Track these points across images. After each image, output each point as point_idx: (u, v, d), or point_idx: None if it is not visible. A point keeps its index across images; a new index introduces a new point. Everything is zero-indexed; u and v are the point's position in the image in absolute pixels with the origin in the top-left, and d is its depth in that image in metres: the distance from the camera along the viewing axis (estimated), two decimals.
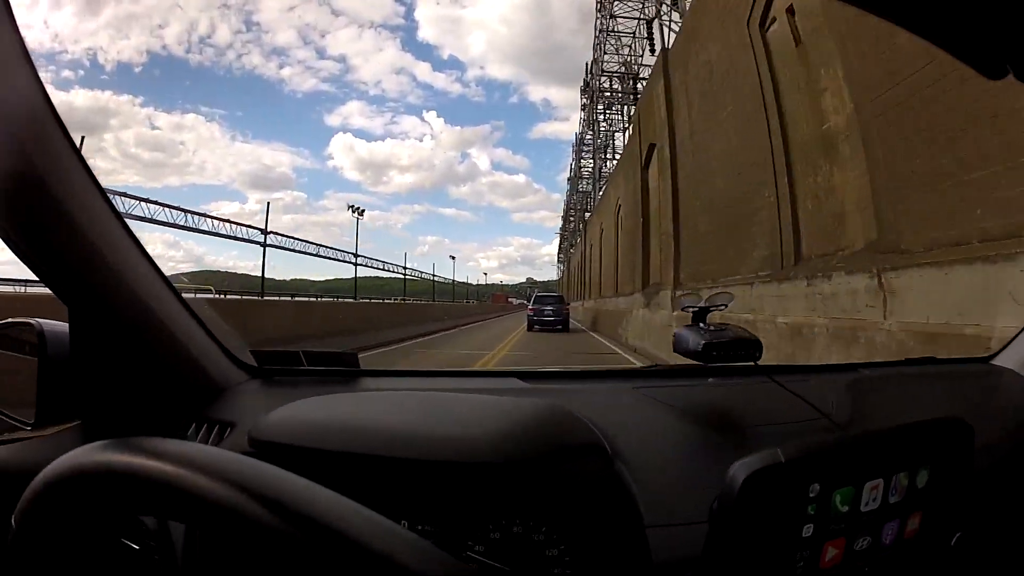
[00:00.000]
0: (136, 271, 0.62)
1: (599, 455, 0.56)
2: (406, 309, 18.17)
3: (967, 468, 0.50)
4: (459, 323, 18.66)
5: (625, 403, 0.72)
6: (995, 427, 0.69)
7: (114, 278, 0.59)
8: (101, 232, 0.58)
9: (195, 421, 0.67)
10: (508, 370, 0.90)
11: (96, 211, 0.58)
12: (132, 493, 0.33)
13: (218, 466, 0.32)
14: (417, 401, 0.63)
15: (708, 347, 0.66)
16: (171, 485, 0.32)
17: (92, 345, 0.63)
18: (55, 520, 0.35)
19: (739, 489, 0.41)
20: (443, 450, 0.51)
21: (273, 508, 0.30)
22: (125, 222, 0.61)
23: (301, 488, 0.32)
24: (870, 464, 0.45)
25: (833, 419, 0.67)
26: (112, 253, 0.59)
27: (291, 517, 0.29)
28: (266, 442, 0.54)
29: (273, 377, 0.79)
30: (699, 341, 0.67)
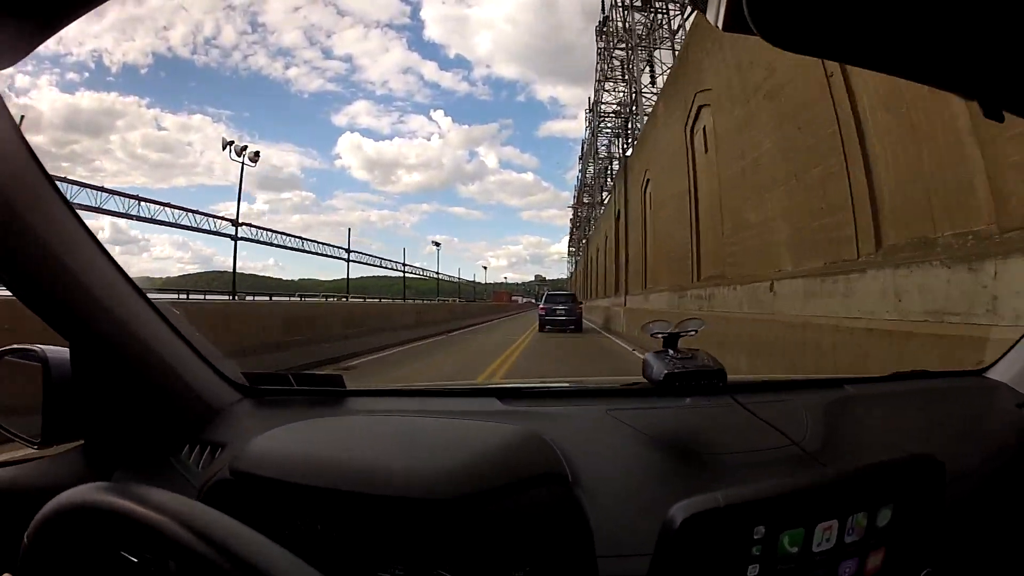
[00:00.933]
0: (126, 303, 0.66)
1: (559, 483, 0.58)
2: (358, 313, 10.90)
3: (936, 506, 0.50)
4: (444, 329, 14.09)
5: (596, 427, 0.72)
6: (981, 447, 0.69)
7: (106, 313, 0.63)
8: (88, 268, 0.61)
9: (189, 442, 0.71)
10: (488, 387, 0.98)
11: (81, 248, 0.60)
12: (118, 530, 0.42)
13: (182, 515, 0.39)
14: (391, 429, 0.66)
15: (670, 377, 0.67)
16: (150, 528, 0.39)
17: (91, 372, 0.66)
18: (59, 542, 0.43)
19: (676, 530, 0.42)
20: (406, 485, 0.53)
21: (220, 551, 0.37)
22: (109, 253, 0.64)
23: (243, 536, 0.38)
24: (823, 507, 0.45)
25: (804, 447, 0.66)
26: (102, 289, 0.62)
27: (235, 561, 0.36)
28: (244, 473, 0.57)
29: (264, 397, 0.82)
30: (662, 370, 0.68)
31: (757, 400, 0.75)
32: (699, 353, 0.72)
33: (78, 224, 0.60)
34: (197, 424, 0.73)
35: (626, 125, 30.18)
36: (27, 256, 0.56)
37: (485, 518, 0.54)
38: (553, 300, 15.41)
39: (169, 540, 0.39)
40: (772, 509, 0.44)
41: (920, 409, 0.87)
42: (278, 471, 0.56)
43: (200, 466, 0.68)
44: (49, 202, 0.57)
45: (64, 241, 0.58)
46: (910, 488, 0.49)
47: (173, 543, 0.38)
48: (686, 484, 0.59)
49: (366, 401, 0.86)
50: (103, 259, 0.63)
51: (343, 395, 0.86)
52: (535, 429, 0.66)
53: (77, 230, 0.60)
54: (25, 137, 0.54)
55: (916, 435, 0.76)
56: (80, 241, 0.60)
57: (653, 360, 0.71)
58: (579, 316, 15.03)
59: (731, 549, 0.43)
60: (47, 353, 0.67)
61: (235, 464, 0.58)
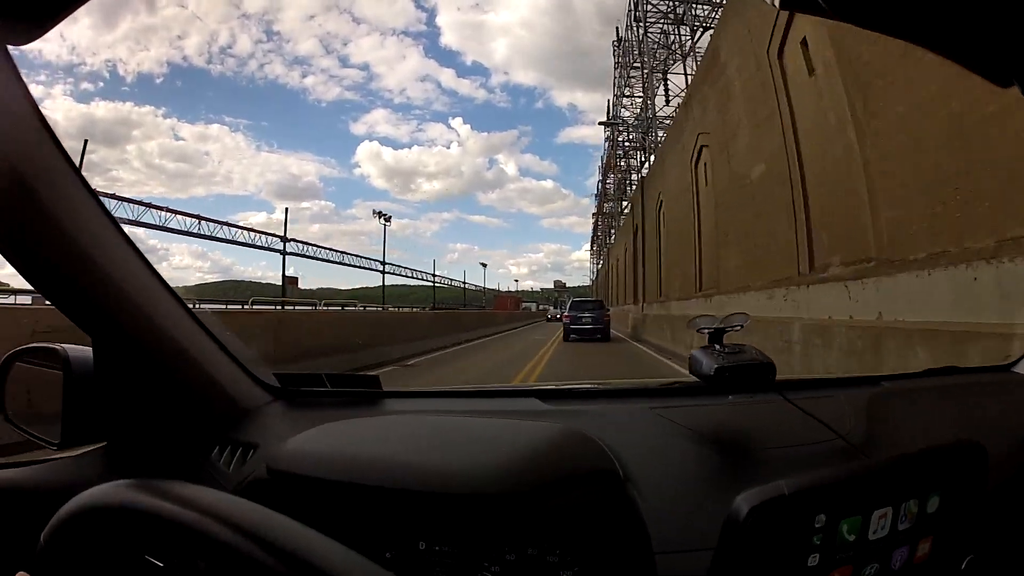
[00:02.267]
0: (155, 300, 0.64)
1: (611, 480, 0.57)
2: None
3: (980, 492, 0.51)
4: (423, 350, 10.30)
5: (641, 425, 0.72)
6: (1013, 440, 0.69)
7: (134, 309, 0.61)
8: (117, 264, 0.59)
9: (219, 443, 0.69)
10: (528, 388, 0.95)
11: (109, 243, 0.59)
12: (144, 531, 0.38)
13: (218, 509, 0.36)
14: (432, 428, 0.65)
15: (720, 371, 0.66)
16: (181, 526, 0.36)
17: (116, 371, 0.64)
18: (78, 543, 0.40)
19: (742, 521, 0.42)
20: (454, 483, 0.52)
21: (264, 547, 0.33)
22: (139, 250, 0.62)
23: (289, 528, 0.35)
24: (878, 494, 0.46)
25: (849, 439, 0.66)
26: (130, 284, 0.61)
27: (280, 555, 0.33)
28: (283, 472, 0.56)
29: (296, 399, 0.81)
30: (712, 365, 0.66)
31: (801, 396, 0.73)
32: (747, 347, 0.70)
33: (105, 217, 0.59)
34: (227, 425, 0.72)
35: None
36: (51, 248, 0.55)
37: (533, 516, 0.53)
38: (579, 308, 14.85)
39: (204, 537, 0.35)
40: (832, 496, 0.45)
41: (954, 402, 0.87)
42: (317, 469, 0.55)
43: (231, 468, 0.67)
44: (74, 193, 0.55)
45: (90, 234, 0.57)
46: (956, 474, 0.50)
47: (208, 540, 0.35)
48: (739, 478, 0.57)
49: (403, 402, 0.85)
50: (131, 254, 0.61)
51: (379, 396, 0.84)
52: (581, 427, 0.66)
53: (104, 224, 0.59)
54: (48, 122, 0.52)
55: (954, 426, 0.77)
56: (107, 235, 0.59)
57: (701, 355, 0.69)
58: (607, 324, 14.51)
59: (794, 538, 0.43)
60: (68, 352, 0.65)
61: (272, 463, 0.57)
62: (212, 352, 0.72)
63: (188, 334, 0.69)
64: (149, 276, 0.65)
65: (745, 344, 0.72)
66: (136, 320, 0.63)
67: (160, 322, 0.65)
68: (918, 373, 1.01)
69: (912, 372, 1.01)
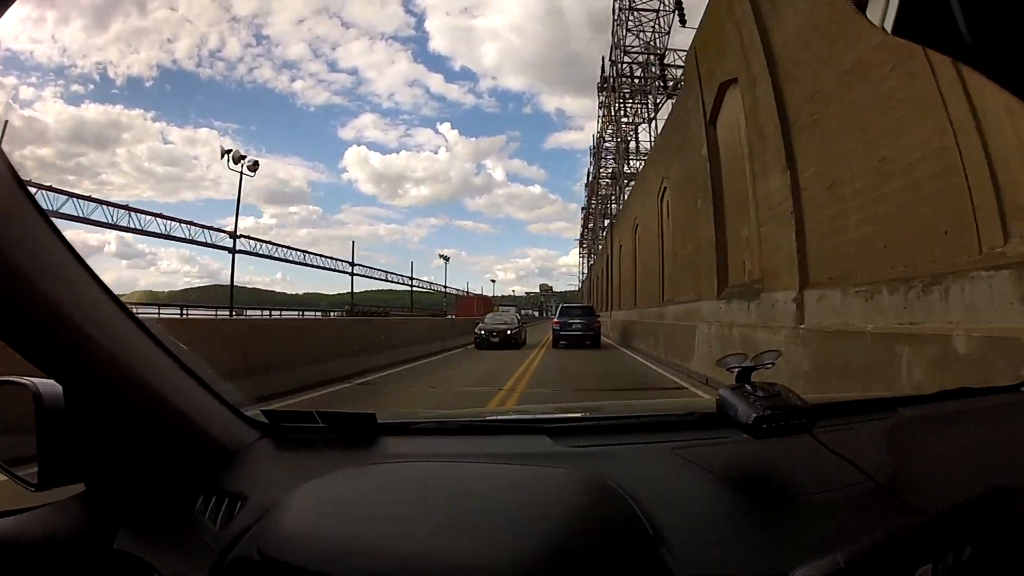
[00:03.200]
0: (122, 336, 0.60)
1: (643, 543, 0.53)
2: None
3: (1010, 537, 0.51)
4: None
5: (665, 469, 0.68)
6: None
7: (98, 349, 0.56)
8: (75, 294, 0.55)
9: (204, 491, 0.65)
10: (535, 420, 0.90)
11: (64, 273, 0.54)
12: None
13: None
14: (441, 490, 0.60)
15: (759, 420, 0.62)
16: None
17: (88, 412, 0.60)
18: None
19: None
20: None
21: None
22: (100, 279, 0.58)
23: None
24: (921, 552, 0.46)
25: (878, 480, 0.65)
26: (91, 319, 0.56)
27: None
28: (278, 561, 0.51)
29: (284, 437, 0.76)
30: (749, 413, 0.63)
31: (826, 428, 0.72)
32: (779, 388, 0.67)
33: (59, 243, 0.53)
34: (212, 469, 0.67)
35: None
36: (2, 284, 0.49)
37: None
38: (568, 313, 14.79)
39: None
40: (882, 560, 0.44)
41: (973, 429, 0.87)
42: (317, 561, 0.50)
43: (218, 523, 0.62)
44: (23, 216, 0.50)
45: (40, 263, 0.51)
46: (989, 523, 0.50)
47: None
48: (782, 537, 0.56)
49: (400, 441, 0.80)
50: (89, 283, 0.56)
51: (373, 433, 0.78)
52: (600, 476, 0.62)
53: (58, 249, 0.53)
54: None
55: (977, 459, 0.76)
56: (61, 263, 0.53)
57: (734, 399, 0.65)
58: (597, 330, 14.41)
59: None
60: (39, 387, 0.60)
61: (265, 546, 0.53)
62: (189, 389, 0.67)
63: (161, 370, 0.64)
64: (110, 306, 0.59)
65: (776, 384, 0.68)
66: (100, 360, 0.57)
67: (128, 359, 0.59)
68: (933, 396, 1.01)
69: (926, 395, 1.01)
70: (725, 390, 0.68)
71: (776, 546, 0.52)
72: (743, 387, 0.68)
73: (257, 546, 0.54)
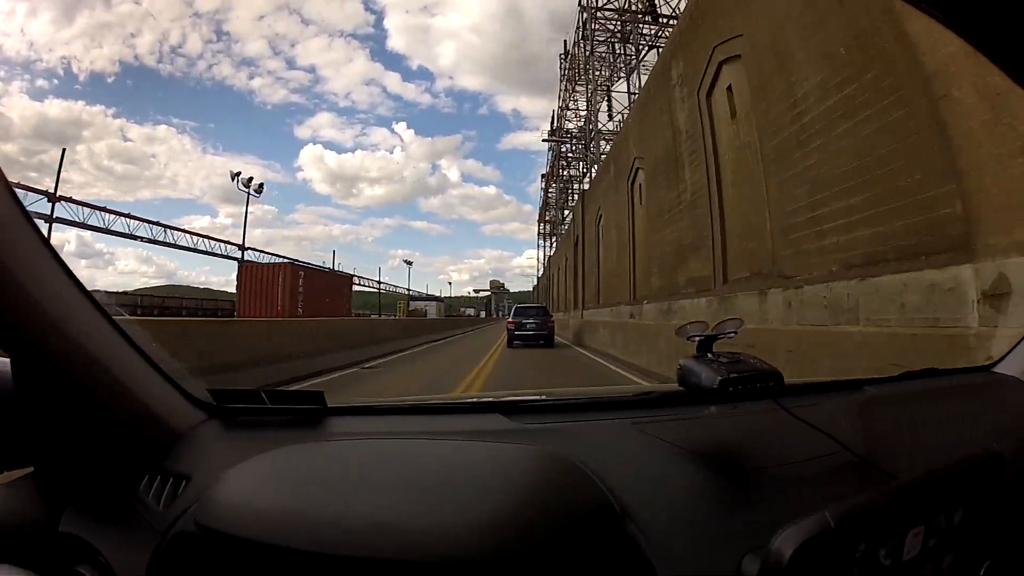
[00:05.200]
0: (75, 312, 0.57)
1: (609, 517, 0.51)
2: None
3: (999, 500, 0.51)
4: None
5: (625, 444, 0.65)
6: (1008, 440, 0.68)
7: (50, 322, 0.54)
8: (29, 269, 0.52)
9: (150, 471, 0.63)
10: (489, 400, 0.85)
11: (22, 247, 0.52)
12: None
13: None
14: (389, 462, 0.57)
15: (725, 383, 0.59)
16: None
17: (36, 389, 0.57)
18: None
19: (788, 562, 0.39)
20: (425, 546, 0.45)
21: None
22: (56, 253, 0.56)
23: None
24: (913, 513, 0.45)
25: (852, 449, 0.62)
26: (44, 294, 0.53)
27: None
28: (216, 531, 0.48)
29: (232, 418, 0.73)
30: (714, 376, 0.60)
31: (792, 403, 0.68)
32: (743, 355, 0.65)
33: (23, 217, 0.53)
34: (158, 450, 0.64)
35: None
36: None
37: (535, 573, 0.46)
38: (522, 314, 14.96)
39: None
40: (872, 522, 0.43)
41: (942, 406, 0.86)
42: (255, 528, 0.47)
43: (162, 502, 0.60)
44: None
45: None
46: (979, 485, 0.50)
47: None
48: (755, 505, 0.54)
49: (350, 421, 0.77)
50: (46, 258, 0.55)
51: (323, 414, 0.75)
52: (560, 451, 0.59)
53: (20, 224, 0.52)
54: None
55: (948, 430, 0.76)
56: (19, 238, 0.52)
57: (696, 366, 0.63)
58: (551, 330, 14.58)
59: (836, 573, 0.41)
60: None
61: (202, 517, 0.50)
62: (138, 368, 0.65)
63: (108, 345, 0.61)
64: (66, 283, 0.57)
65: (739, 352, 0.66)
66: (51, 333, 0.54)
67: (78, 335, 0.57)
68: (898, 376, 0.99)
69: (891, 376, 0.98)
70: (686, 359, 0.66)
71: (751, 517, 0.49)
72: (705, 355, 0.66)
73: (194, 519, 0.52)
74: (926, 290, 3.35)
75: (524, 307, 16.26)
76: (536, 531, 0.47)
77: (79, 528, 0.58)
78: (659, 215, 10.73)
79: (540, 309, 15.96)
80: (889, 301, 3.69)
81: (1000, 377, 0.92)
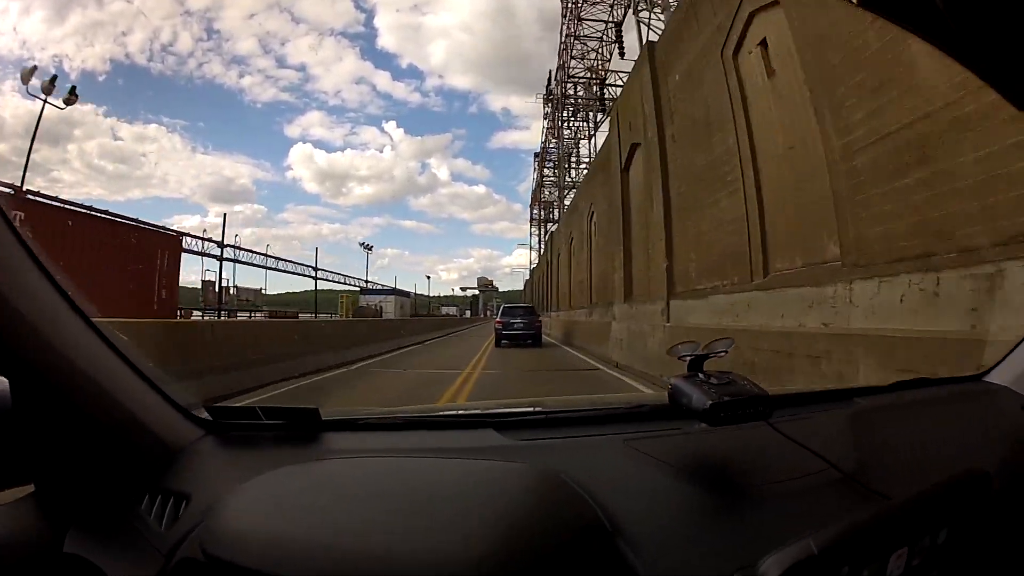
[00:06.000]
0: (68, 331, 0.57)
1: (599, 535, 0.51)
2: None
3: (985, 518, 0.52)
4: None
5: (617, 461, 0.66)
6: (997, 452, 0.68)
7: (42, 342, 0.54)
8: (29, 294, 0.52)
9: (150, 491, 0.63)
10: (481, 413, 0.86)
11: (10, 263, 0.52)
12: None
13: None
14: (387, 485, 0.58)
15: (716, 408, 0.59)
16: None
17: (36, 409, 0.57)
18: None
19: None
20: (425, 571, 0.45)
21: None
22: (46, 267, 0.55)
23: None
24: (897, 535, 0.46)
25: (841, 468, 0.62)
26: (37, 314, 0.53)
27: None
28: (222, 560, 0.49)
29: (229, 434, 0.74)
30: (704, 400, 0.60)
31: (783, 419, 0.69)
32: (734, 376, 0.64)
33: (10, 233, 0.51)
34: (156, 468, 0.65)
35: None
36: None
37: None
38: (510, 313, 15.07)
39: None
40: (855, 546, 0.44)
41: (933, 418, 0.85)
42: (260, 559, 0.48)
43: (163, 523, 0.60)
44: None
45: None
46: (964, 505, 0.51)
47: None
48: (745, 525, 0.54)
49: (345, 437, 0.77)
50: (38, 276, 0.54)
51: (318, 429, 0.75)
52: (550, 468, 0.59)
53: (9, 243, 0.51)
54: None
55: (943, 445, 0.75)
56: (9, 255, 0.52)
57: (687, 387, 0.63)
58: (538, 329, 14.76)
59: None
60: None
61: (208, 545, 0.51)
62: (134, 386, 0.65)
63: (106, 366, 0.61)
64: (58, 300, 0.57)
65: (730, 372, 0.66)
66: (46, 354, 0.55)
67: (73, 354, 0.57)
68: (888, 387, 0.98)
69: (882, 386, 0.98)
70: (677, 378, 0.66)
71: (740, 536, 0.49)
72: (696, 375, 0.66)
73: (200, 546, 0.53)
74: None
75: (512, 307, 16.25)
76: (528, 551, 0.48)
77: (84, 549, 0.59)
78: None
79: (528, 309, 16.08)
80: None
81: (991, 387, 0.92)
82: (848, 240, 4.13)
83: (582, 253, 18.36)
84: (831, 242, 4.41)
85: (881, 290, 3.57)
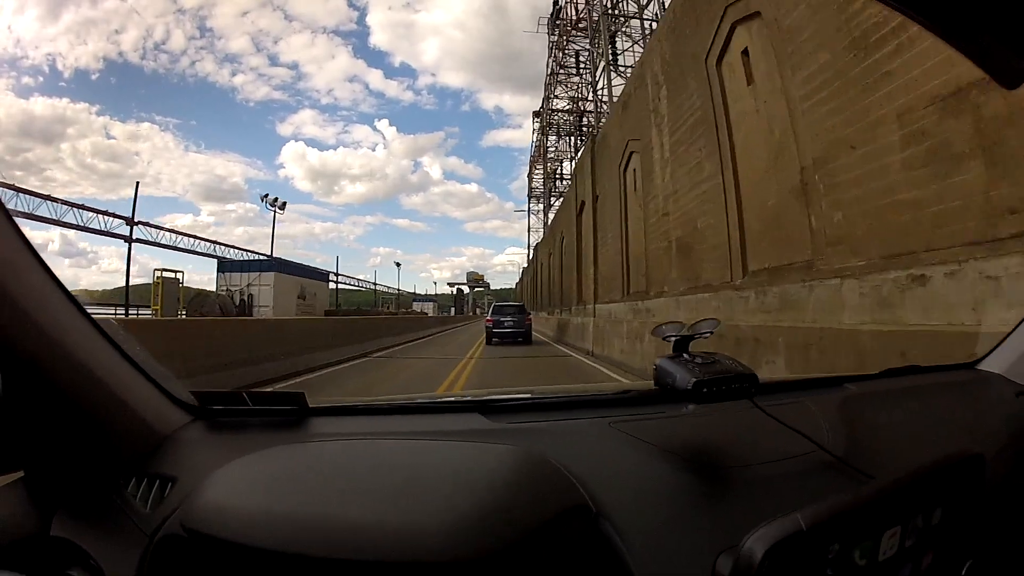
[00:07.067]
0: (58, 317, 0.57)
1: (584, 516, 0.53)
2: None
3: (980, 500, 0.51)
4: None
5: (602, 443, 0.67)
6: (991, 438, 0.68)
7: (34, 327, 0.54)
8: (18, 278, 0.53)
9: (136, 474, 0.64)
10: (469, 400, 0.87)
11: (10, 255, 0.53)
12: None
13: None
14: (370, 463, 0.59)
15: (700, 385, 0.60)
16: None
17: (24, 393, 0.57)
18: None
19: (759, 564, 0.39)
20: (405, 546, 0.47)
21: None
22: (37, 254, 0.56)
23: None
24: (888, 514, 0.45)
25: (828, 449, 0.63)
26: (28, 300, 0.54)
27: None
28: (201, 534, 0.50)
29: (215, 419, 0.75)
30: (688, 378, 0.61)
31: (771, 402, 0.68)
32: (719, 356, 0.66)
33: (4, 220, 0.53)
34: (143, 452, 0.65)
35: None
36: None
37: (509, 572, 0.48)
38: (501, 312, 15.32)
39: None
40: (845, 523, 0.43)
41: (924, 404, 0.86)
42: (239, 531, 0.49)
43: (149, 504, 0.61)
44: None
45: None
46: (959, 486, 0.50)
47: None
48: (731, 504, 0.55)
49: (331, 422, 0.79)
50: (29, 260, 0.55)
51: (304, 414, 0.77)
52: (538, 451, 0.61)
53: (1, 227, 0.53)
54: None
55: (934, 430, 0.76)
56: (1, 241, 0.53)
57: (672, 366, 0.64)
58: (528, 327, 14.93)
59: (809, 573, 0.41)
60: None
61: (188, 520, 0.52)
62: (122, 371, 0.65)
63: (95, 351, 0.61)
64: (49, 286, 0.57)
65: (715, 352, 0.67)
66: (36, 339, 0.54)
67: (63, 339, 0.57)
68: (881, 373, 0.99)
69: (873, 373, 0.99)
70: (662, 359, 0.67)
71: (725, 516, 0.51)
72: (680, 356, 0.67)
73: (181, 522, 0.54)
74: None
75: (502, 305, 16.45)
76: (512, 530, 0.49)
77: (70, 532, 0.59)
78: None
79: (518, 307, 16.27)
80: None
81: (984, 374, 0.91)
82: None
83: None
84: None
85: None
